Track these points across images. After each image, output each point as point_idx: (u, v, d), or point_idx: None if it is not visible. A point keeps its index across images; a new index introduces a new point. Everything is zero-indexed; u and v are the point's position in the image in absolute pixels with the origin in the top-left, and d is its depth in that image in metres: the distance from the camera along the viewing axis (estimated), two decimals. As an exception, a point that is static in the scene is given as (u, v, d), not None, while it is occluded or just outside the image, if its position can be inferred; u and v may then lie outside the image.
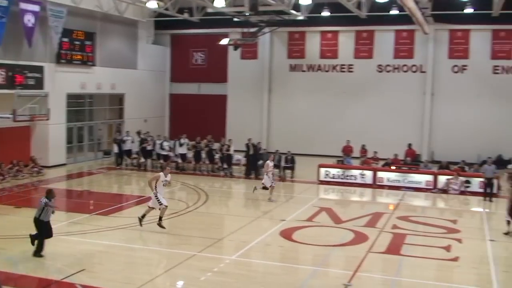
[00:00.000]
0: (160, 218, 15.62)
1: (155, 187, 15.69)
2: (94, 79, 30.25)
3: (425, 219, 18.58)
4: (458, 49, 32.03)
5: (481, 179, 23.12)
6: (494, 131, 30.88)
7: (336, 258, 14.11)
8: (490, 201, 22.06)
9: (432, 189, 23.86)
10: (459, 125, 31.58)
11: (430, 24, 30.55)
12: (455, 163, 26.34)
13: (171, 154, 27.53)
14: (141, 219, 15.75)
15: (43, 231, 13.15)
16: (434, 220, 18.47)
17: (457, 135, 31.40)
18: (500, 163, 29.50)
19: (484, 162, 25.98)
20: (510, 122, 30.95)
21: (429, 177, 24.25)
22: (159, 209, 15.65)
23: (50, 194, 13.43)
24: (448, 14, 30.54)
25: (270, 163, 21.30)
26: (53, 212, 13.36)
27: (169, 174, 16.16)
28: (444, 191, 23.54)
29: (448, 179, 23.77)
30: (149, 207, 15.93)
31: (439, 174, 24.32)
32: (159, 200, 15.61)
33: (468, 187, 23.58)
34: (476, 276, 12.86)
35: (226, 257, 13.67)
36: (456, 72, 32.21)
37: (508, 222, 16.46)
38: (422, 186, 24.11)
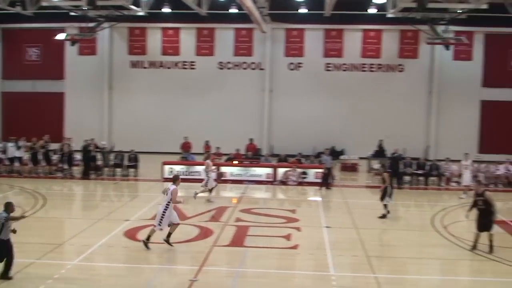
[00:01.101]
0: None
1: None
2: None
3: (267, 210, 19.32)
4: (294, 47, 33.64)
5: (317, 170, 24.65)
6: (327, 124, 32.94)
7: (182, 255, 14.13)
8: (328, 188, 23.56)
9: (273, 181, 24.88)
10: (296, 119, 33.19)
11: (268, 23, 31.70)
12: (293, 156, 27.72)
13: (2, 156, 25.62)
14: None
15: (3, 251, 11.39)
16: (275, 211, 19.28)
17: (294, 129, 32.98)
18: (333, 154, 31.58)
19: (319, 154, 27.68)
20: (341, 116, 33.26)
21: (269, 170, 25.27)
22: None
23: (9, 207, 11.61)
24: (284, 14, 31.95)
25: (210, 162, 21.04)
26: (13, 231, 11.56)
27: None
28: (283, 182, 24.67)
29: (286, 171, 24.94)
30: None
31: (278, 167, 25.43)
32: None
33: (305, 178, 24.93)
34: (314, 262, 13.64)
35: (68, 262, 13.06)
36: (292, 70, 33.83)
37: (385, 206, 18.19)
38: (263, 179, 25.06)
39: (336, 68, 33.77)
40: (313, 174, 25.06)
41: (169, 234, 14.12)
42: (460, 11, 27.44)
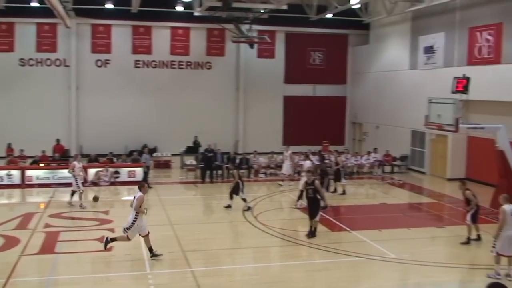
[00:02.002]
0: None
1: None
2: None
3: (78, 213, 18.61)
4: (101, 43, 32.63)
5: (130, 169, 24.41)
6: (138, 122, 32.58)
7: (-16, 268, 13.04)
8: (149, 187, 23.36)
9: (84, 183, 23.95)
10: (106, 118, 32.29)
11: (72, 18, 30.42)
12: (104, 155, 27.00)
13: None
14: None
15: None
16: (87, 213, 18.63)
17: (104, 127, 32.04)
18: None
19: (131, 152, 27.35)
20: (153, 113, 33.11)
21: (80, 171, 24.30)
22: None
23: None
24: (90, 9, 30.85)
25: (77, 164, 19.51)
26: None
27: None
28: (95, 183, 23.92)
29: (98, 172, 24.22)
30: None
31: (89, 168, 24.56)
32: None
33: (117, 177, 24.43)
34: (130, 262, 13.46)
35: None
36: (100, 66, 32.81)
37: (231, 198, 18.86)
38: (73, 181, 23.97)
39: (146, 65, 33.51)
40: (126, 173, 24.67)
41: (150, 249, 13.47)
42: (263, 11, 28.90)
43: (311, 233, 15.57)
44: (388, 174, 28.41)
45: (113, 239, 13.56)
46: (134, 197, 13.48)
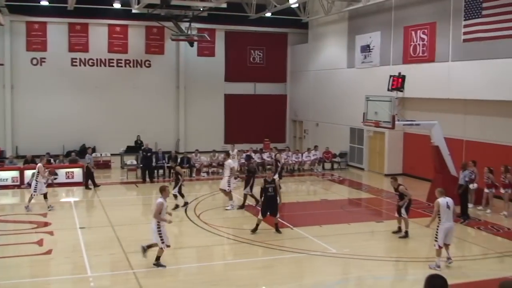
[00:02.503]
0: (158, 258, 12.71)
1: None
2: None
3: (15, 216, 18.05)
4: (36, 41, 31.73)
5: (68, 170, 23.93)
6: (76, 121, 31.88)
7: None
8: (89, 188, 22.92)
9: (20, 185, 23.26)
10: (42, 117, 31.47)
11: (6, 15, 29.50)
12: (40, 156, 26.23)
13: None
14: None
15: None
16: (24, 216, 18.07)
17: (40, 127, 31.22)
18: (85, 152, 30.75)
19: (69, 153, 26.73)
20: (91, 113, 32.47)
21: (15, 173, 23.55)
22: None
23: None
24: (24, 6, 29.95)
25: (41, 166, 18.73)
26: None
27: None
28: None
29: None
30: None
31: (26, 169, 23.83)
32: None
33: (55, 179, 23.81)
34: (70, 265, 13.15)
35: None
36: (35, 65, 31.89)
37: (175, 197, 18.71)
38: (9, 183, 23.26)
39: (83, 63, 32.81)
40: (64, 174, 24.09)
41: (157, 258, 12.81)
42: (202, 9, 28.79)
43: (277, 230, 15.91)
44: (328, 170, 28.92)
45: (150, 246, 12.97)
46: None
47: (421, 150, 23.95)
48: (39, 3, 29.07)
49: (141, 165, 25.77)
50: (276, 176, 22.24)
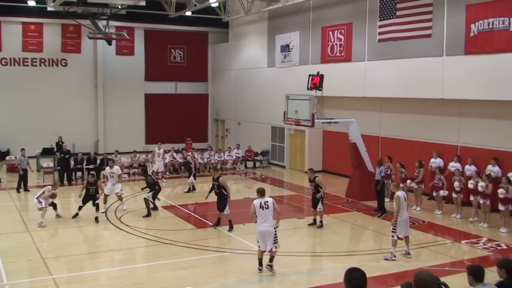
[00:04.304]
0: None
1: None
2: None
3: None
4: None
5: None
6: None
7: None
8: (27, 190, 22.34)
9: None
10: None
11: None
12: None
13: None
14: None
15: None
16: None
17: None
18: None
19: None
20: (4, 113, 31.23)
21: None
22: None
23: None
24: None
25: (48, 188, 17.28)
26: None
27: None
28: None
29: None
30: None
31: None
32: None
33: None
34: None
35: None
36: None
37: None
38: None
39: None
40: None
41: (271, 258, 12.48)
42: (120, 7, 28.23)
43: (231, 227, 16.17)
44: (250, 169, 29.16)
45: (271, 261, 12.50)
46: (265, 203, 12.60)
47: (340, 147, 24.60)
48: None
49: (59, 168, 24.97)
50: (191, 178, 22.38)
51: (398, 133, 22.78)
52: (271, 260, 12.51)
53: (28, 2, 28.60)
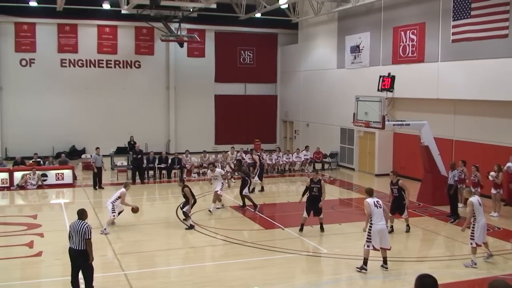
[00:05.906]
0: None
1: None
2: None
3: (4, 218, 17.96)
4: (25, 42, 31.58)
5: (58, 172, 23.85)
6: (66, 122, 31.76)
7: None
8: (101, 188, 23.24)
9: (9, 186, 23.13)
10: (31, 118, 31.31)
11: (-6, 16, 29.31)
12: (30, 158, 26.12)
13: None
14: None
15: None
16: (14, 218, 18.00)
17: (29, 129, 31.07)
18: (75, 153, 30.69)
19: (59, 154, 26.58)
20: (81, 114, 32.35)
21: (5, 175, 23.41)
22: None
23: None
24: (13, 7, 29.84)
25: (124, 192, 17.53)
26: None
27: None
28: (22, 187, 23.12)
29: (24, 175, 23.39)
30: None
31: (15, 171, 23.72)
32: None
33: (45, 180, 23.70)
34: (61, 267, 13.02)
35: None
36: (24, 66, 31.74)
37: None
38: (-2, 185, 23.17)
39: (72, 64, 32.68)
40: (53, 176, 23.98)
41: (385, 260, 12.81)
42: (192, 10, 28.76)
43: (322, 229, 16.17)
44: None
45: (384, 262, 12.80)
46: (377, 202, 12.93)
47: (411, 150, 24.07)
48: (28, 4, 28.93)
49: (132, 166, 25.71)
50: (256, 178, 22.45)
51: (473, 136, 22.03)
52: (385, 262, 12.61)
53: (103, 5, 29.63)
